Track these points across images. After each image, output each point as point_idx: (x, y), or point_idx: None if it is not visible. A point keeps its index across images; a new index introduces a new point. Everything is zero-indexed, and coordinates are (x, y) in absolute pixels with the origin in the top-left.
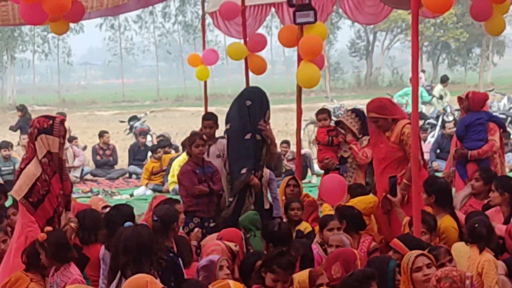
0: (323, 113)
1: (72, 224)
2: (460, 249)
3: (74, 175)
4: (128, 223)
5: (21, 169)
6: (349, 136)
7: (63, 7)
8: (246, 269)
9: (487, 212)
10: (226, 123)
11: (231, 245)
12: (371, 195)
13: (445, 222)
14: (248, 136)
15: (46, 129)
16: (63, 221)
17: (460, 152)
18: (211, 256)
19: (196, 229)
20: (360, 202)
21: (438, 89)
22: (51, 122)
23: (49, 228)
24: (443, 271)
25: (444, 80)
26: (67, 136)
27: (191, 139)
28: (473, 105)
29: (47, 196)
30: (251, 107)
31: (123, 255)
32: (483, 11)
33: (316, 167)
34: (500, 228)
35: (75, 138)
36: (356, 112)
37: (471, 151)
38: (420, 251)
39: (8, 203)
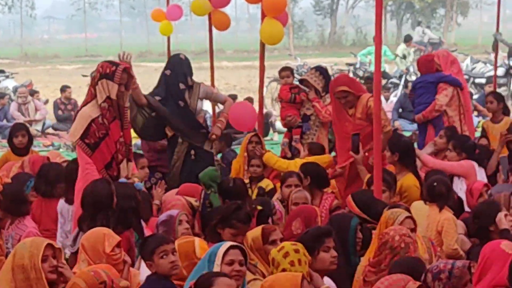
0: (286, 70)
1: (135, 179)
2: (419, 208)
3: (35, 128)
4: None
5: (77, 112)
6: (311, 94)
7: None
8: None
9: None
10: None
11: (192, 200)
12: (327, 154)
13: (408, 180)
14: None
15: (107, 74)
16: (123, 170)
17: (412, 118)
18: (171, 211)
19: (159, 189)
20: (316, 161)
21: (401, 48)
22: (114, 68)
23: (7, 180)
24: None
25: (407, 39)
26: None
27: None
28: (418, 68)
29: (104, 139)
30: (171, 76)
31: (81, 209)
32: None
33: (278, 124)
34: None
35: (36, 92)
36: (320, 70)
37: (417, 115)
38: (408, 214)
39: None
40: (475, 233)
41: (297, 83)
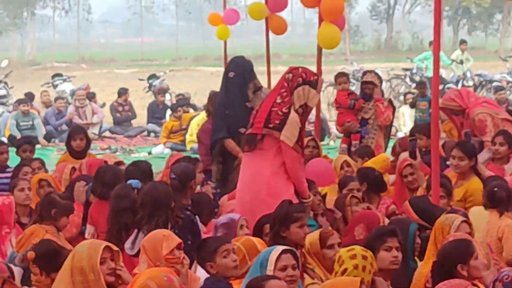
0: (343, 76)
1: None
2: (478, 213)
3: (92, 132)
4: (135, 182)
5: (284, 113)
6: (377, 93)
7: None
8: (257, 230)
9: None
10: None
11: None
12: (382, 153)
13: (474, 184)
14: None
15: (311, 82)
16: None
17: None
18: (231, 215)
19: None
20: (374, 164)
21: (457, 53)
22: (316, 78)
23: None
24: None
25: (461, 43)
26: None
27: (212, 98)
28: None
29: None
30: (236, 77)
31: (140, 210)
32: None
33: (334, 129)
34: None
35: (94, 94)
36: (377, 74)
37: None
38: (464, 218)
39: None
40: None
41: (353, 88)
